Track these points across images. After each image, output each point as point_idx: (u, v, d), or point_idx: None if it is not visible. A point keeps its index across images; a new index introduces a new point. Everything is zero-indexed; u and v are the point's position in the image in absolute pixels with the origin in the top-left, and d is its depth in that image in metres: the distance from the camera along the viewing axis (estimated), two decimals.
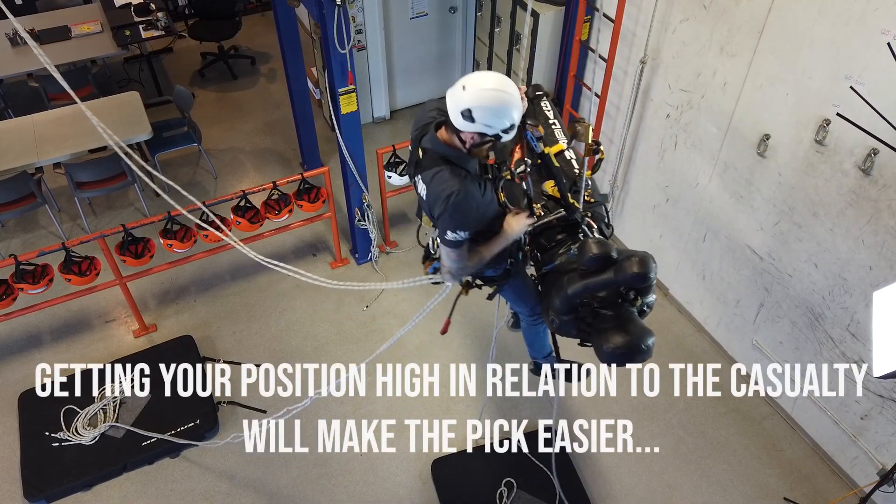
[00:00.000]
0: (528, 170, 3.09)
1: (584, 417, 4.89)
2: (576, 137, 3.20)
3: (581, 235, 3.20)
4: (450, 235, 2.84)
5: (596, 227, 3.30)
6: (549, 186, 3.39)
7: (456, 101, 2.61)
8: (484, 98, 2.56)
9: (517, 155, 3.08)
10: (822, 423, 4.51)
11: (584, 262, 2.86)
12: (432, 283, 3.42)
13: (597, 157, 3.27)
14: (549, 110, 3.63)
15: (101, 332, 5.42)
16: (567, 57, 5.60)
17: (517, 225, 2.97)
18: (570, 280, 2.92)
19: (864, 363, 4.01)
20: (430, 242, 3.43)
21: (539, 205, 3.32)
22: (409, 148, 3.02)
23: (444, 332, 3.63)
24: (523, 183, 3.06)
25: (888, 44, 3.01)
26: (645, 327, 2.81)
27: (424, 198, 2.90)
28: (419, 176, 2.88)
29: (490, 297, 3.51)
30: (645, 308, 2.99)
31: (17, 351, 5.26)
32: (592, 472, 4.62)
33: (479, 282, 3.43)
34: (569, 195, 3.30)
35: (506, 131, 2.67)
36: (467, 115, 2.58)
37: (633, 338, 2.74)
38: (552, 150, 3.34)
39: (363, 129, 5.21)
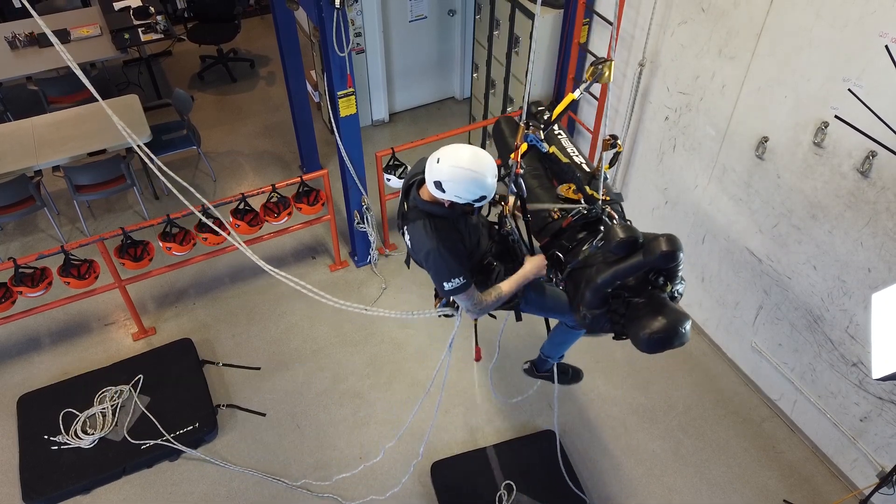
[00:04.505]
0: (523, 171, 3.11)
1: (585, 419, 4.91)
2: (597, 80, 3.22)
3: (602, 229, 3.20)
4: (447, 286, 2.97)
5: (617, 219, 3.30)
6: (564, 189, 3.40)
7: (430, 171, 2.80)
8: (454, 175, 2.75)
9: (514, 157, 3.09)
10: (822, 425, 4.51)
11: (611, 248, 2.85)
12: (442, 316, 3.52)
13: (614, 150, 3.29)
14: (560, 135, 3.65)
15: (99, 335, 5.42)
16: (566, 59, 5.61)
17: (534, 267, 3.13)
18: (599, 270, 2.91)
19: (863, 365, 4.01)
20: None
21: (556, 207, 3.34)
22: (399, 198, 3.15)
23: (477, 359, 3.82)
24: (513, 185, 3.11)
25: (886, 46, 3.03)
26: (680, 310, 2.78)
27: (410, 248, 3.10)
28: (406, 227, 3.07)
29: (518, 318, 3.56)
30: (675, 294, 2.97)
31: (17, 354, 5.25)
32: (592, 473, 4.61)
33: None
34: (587, 188, 3.30)
35: (477, 201, 2.84)
36: (439, 185, 2.78)
37: (670, 321, 2.72)
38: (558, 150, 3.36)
39: (362, 131, 5.21)
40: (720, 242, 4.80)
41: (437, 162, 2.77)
